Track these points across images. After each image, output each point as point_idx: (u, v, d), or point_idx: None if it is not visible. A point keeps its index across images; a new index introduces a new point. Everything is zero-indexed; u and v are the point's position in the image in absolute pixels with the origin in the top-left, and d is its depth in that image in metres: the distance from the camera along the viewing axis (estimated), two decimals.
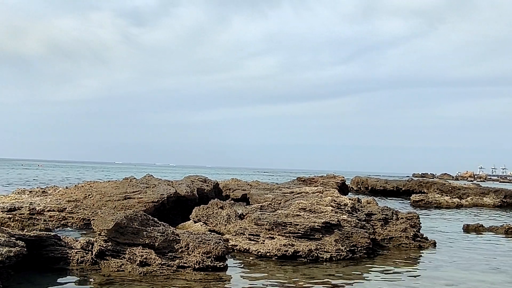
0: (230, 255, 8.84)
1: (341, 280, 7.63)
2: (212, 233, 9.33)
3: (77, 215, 12.15)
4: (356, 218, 10.64)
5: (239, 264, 8.50)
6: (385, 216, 11.65)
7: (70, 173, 58.36)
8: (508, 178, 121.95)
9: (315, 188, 16.18)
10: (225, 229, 10.81)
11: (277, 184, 22.29)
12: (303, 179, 27.08)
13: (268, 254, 8.98)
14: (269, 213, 10.06)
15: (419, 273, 8.44)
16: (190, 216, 11.90)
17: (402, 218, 11.73)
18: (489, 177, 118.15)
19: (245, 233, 9.69)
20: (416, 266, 9.16)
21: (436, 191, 28.03)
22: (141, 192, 13.13)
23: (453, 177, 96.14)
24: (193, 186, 14.83)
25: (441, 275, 8.19)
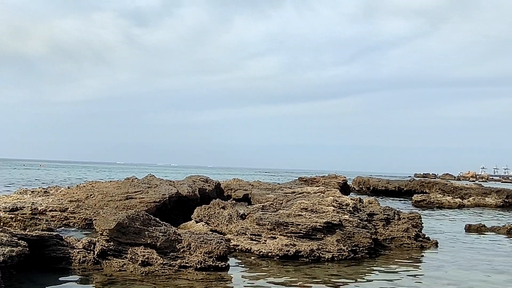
0: (231, 255, 8.84)
1: (343, 280, 7.62)
2: (213, 233, 9.32)
3: (79, 215, 12.17)
4: (358, 218, 10.63)
5: (240, 264, 8.50)
6: (387, 216, 11.63)
7: (71, 173, 58.46)
8: (510, 178, 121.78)
9: (317, 188, 16.16)
10: (227, 229, 10.81)
11: (279, 184, 22.27)
12: (304, 179, 27.07)
13: (269, 254, 8.98)
14: (270, 213, 10.06)
15: (421, 273, 8.43)
16: (191, 216, 11.90)
17: (404, 218, 11.72)
18: (491, 177, 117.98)
19: (247, 233, 9.69)
20: (418, 266, 9.15)
21: (438, 191, 28.00)
22: (143, 192, 13.14)
23: (455, 177, 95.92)
24: (194, 186, 14.83)
25: (443, 275, 8.18)
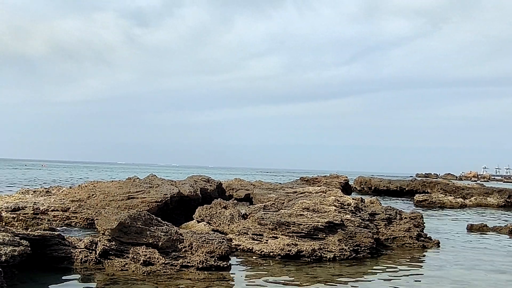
0: (233, 254, 8.83)
1: (344, 279, 7.61)
2: (215, 233, 9.32)
3: (81, 215, 12.18)
4: (359, 218, 10.62)
5: (242, 263, 8.50)
6: (388, 216, 11.63)
7: (73, 173, 58.55)
8: None
9: (318, 188, 16.16)
10: (229, 228, 10.82)
11: (280, 184, 22.27)
12: (306, 179, 27.06)
13: (271, 253, 8.98)
14: (272, 213, 10.06)
15: (423, 273, 8.43)
16: (193, 215, 11.91)
17: (405, 218, 11.71)
18: (492, 177, 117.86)
19: (249, 233, 9.69)
20: (420, 266, 9.14)
21: (439, 191, 27.98)
22: (145, 192, 13.15)
23: (456, 177, 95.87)
24: (196, 186, 14.84)
25: (445, 275, 8.17)
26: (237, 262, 8.52)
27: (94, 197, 13.08)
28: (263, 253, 9.04)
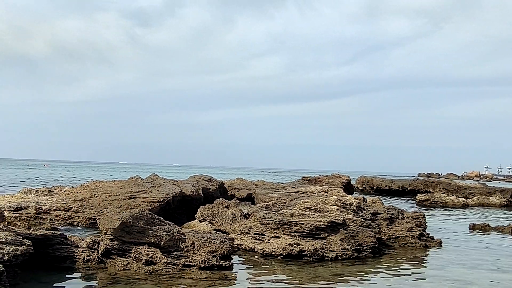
0: (235, 254, 8.84)
1: (346, 279, 7.61)
2: (217, 232, 9.33)
3: (83, 214, 12.20)
4: (361, 217, 10.61)
5: (244, 263, 8.51)
6: (390, 215, 11.62)
7: (75, 173, 58.65)
8: None
9: (320, 187, 16.15)
10: (231, 228, 10.82)
11: (282, 183, 22.27)
12: (308, 179, 27.05)
13: (273, 253, 8.98)
14: (274, 212, 10.06)
15: (425, 272, 8.42)
16: (195, 215, 11.92)
17: (408, 217, 11.70)
18: (495, 177, 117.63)
19: (251, 232, 9.69)
20: (422, 265, 9.14)
21: (442, 191, 27.95)
22: (147, 191, 13.16)
23: (459, 177, 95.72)
24: (198, 185, 14.85)
25: (447, 274, 8.16)
26: (239, 261, 8.52)
27: (96, 197, 13.10)
28: (265, 252, 9.04)
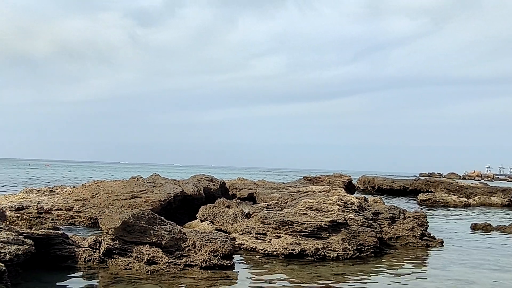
0: (236, 254, 8.84)
1: (348, 279, 7.61)
2: (218, 232, 9.33)
3: (85, 214, 12.20)
4: (363, 217, 10.61)
5: (245, 262, 8.50)
6: (392, 215, 11.61)
7: (77, 173, 58.72)
8: None
9: (322, 187, 16.16)
10: (232, 228, 10.82)
11: (284, 183, 22.26)
12: (309, 178, 27.02)
13: (274, 253, 8.97)
14: (275, 212, 10.06)
15: (426, 272, 8.41)
16: (196, 215, 11.92)
17: (409, 217, 11.69)
18: (496, 177, 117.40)
19: (252, 232, 9.69)
20: (423, 265, 9.13)
21: (443, 190, 27.92)
22: (148, 191, 13.16)
23: (460, 177, 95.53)
24: (199, 185, 14.85)
25: (449, 274, 8.15)
26: (241, 261, 8.52)
27: (97, 197, 13.10)
28: (266, 252, 9.04)
